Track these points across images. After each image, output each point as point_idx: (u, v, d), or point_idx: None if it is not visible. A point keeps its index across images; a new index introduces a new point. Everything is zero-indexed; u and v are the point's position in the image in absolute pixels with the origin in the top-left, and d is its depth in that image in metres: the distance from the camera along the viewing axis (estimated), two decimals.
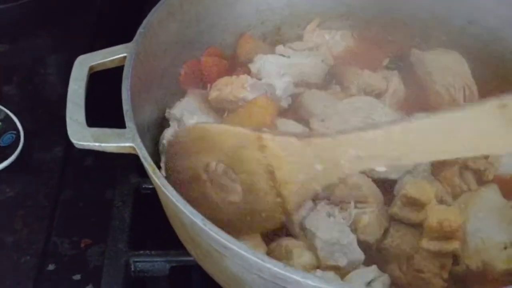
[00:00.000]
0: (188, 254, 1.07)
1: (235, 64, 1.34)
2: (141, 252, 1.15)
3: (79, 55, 1.13)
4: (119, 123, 0.98)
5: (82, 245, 1.22)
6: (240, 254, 0.80)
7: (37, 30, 1.62)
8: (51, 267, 1.18)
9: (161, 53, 1.21)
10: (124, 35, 1.15)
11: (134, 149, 0.94)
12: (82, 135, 0.97)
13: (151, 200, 1.13)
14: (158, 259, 1.14)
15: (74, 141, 0.97)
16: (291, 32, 1.43)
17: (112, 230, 1.18)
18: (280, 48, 1.35)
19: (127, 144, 0.95)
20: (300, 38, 1.42)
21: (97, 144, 0.96)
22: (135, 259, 1.14)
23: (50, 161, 1.35)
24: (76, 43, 1.55)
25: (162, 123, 1.22)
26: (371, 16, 1.41)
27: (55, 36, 1.62)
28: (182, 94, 1.25)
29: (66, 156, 1.36)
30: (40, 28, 1.63)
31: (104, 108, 1.11)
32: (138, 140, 0.94)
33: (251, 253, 0.79)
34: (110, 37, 1.15)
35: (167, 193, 0.88)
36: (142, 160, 0.92)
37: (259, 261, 0.78)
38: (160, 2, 1.19)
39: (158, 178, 0.90)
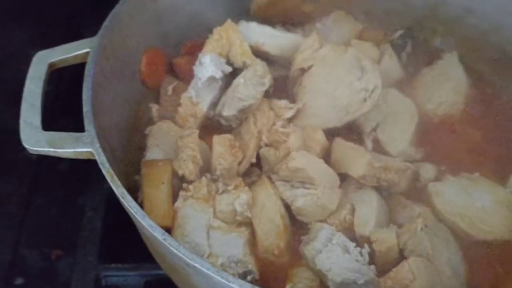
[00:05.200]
0: None
1: None
2: (113, 265, 1.07)
3: None
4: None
5: (53, 256, 1.13)
6: (203, 272, 0.72)
7: (11, 23, 1.52)
8: (19, 281, 1.10)
9: (133, 47, 1.11)
10: None
11: (92, 154, 0.86)
12: (36, 139, 0.89)
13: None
14: (131, 273, 1.06)
15: (27, 146, 0.89)
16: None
17: (81, 242, 1.09)
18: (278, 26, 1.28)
19: (84, 150, 0.86)
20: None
21: (51, 149, 0.88)
22: (106, 273, 1.06)
23: (23, 163, 1.25)
24: (53, 37, 1.44)
25: (135, 123, 1.12)
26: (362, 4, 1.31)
27: (30, 29, 1.51)
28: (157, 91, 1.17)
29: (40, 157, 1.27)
30: (14, 20, 1.52)
31: (68, 108, 1.02)
32: (97, 145, 0.85)
33: (214, 271, 0.71)
34: (91, 30, 1.07)
35: (125, 203, 0.79)
36: (100, 166, 0.84)
37: (224, 280, 0.70)
38: None
39: (116, 187, 0.81)
